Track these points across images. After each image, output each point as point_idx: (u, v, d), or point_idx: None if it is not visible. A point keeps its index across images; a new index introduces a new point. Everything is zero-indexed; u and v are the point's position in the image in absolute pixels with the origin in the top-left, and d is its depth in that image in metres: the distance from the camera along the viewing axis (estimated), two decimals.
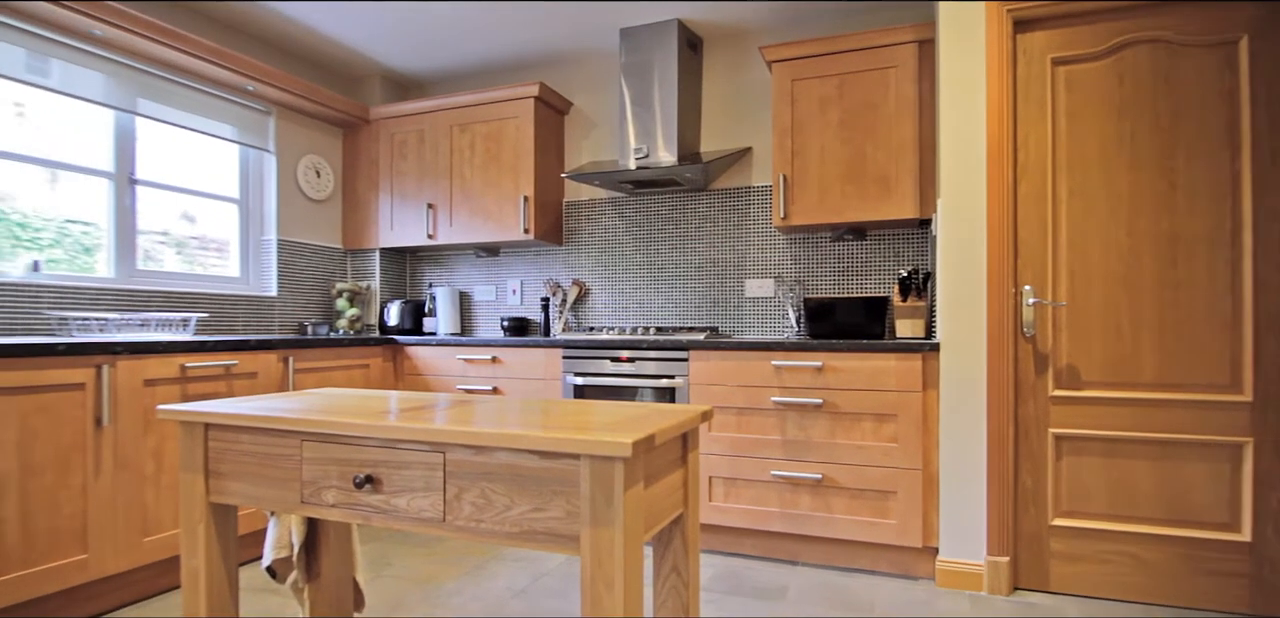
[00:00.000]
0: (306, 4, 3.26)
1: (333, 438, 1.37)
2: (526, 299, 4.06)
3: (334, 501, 1.38)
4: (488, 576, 2.67)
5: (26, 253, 2.75)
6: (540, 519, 1.18)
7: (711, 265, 3.61)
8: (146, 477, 2.44)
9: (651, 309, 3.75)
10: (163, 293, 3.15)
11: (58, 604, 2.22)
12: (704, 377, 2.93)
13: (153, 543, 2.44)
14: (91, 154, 2.97)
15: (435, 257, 4.31)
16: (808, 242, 3.42)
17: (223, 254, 3.57)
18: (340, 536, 1.84)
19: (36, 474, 2.14)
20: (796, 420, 2.78)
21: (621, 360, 3.10)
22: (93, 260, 2.99)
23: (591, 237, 3.89)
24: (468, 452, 1.24)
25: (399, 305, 4.01)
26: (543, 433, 1.14)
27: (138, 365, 2.41)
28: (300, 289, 3.86)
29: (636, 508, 1.15)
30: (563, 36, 3.62)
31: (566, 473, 1.15)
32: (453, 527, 1.26)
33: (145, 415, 2.43)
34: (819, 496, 2.74)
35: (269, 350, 2.90)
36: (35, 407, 2.13)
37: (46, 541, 2.16)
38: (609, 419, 1.28)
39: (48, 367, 2.16)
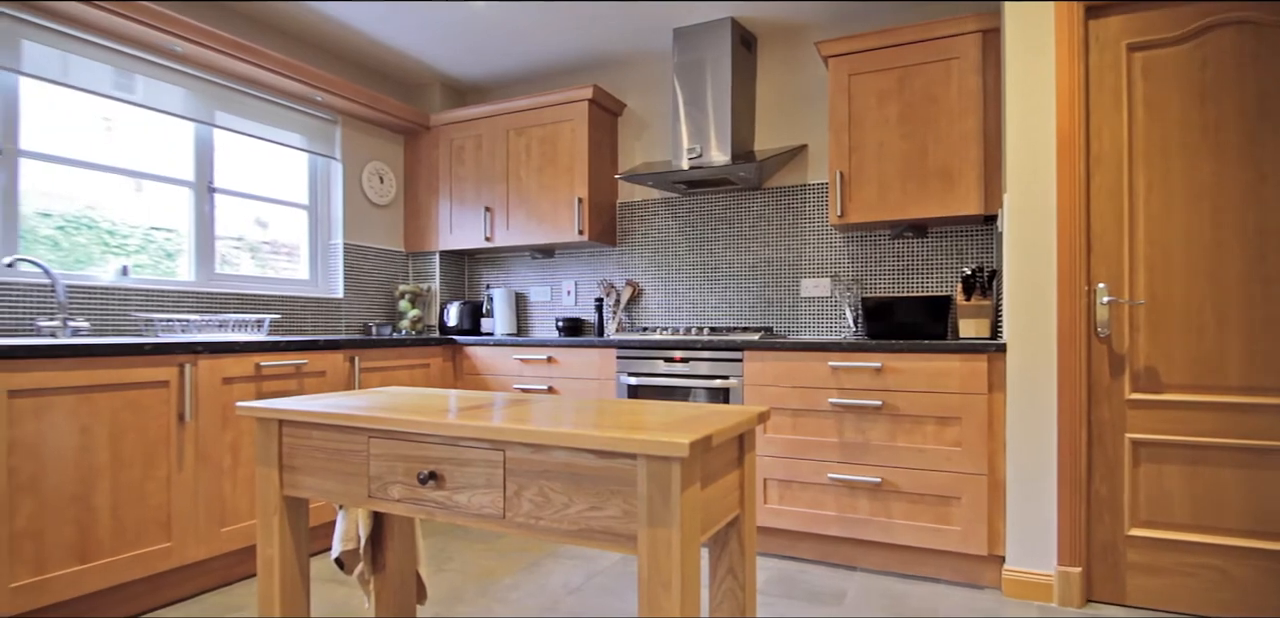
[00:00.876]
0: (370, 14, 3.37)
1: (398, 435, 1.41)
2: (581, 300, 4.10)
3: (399, 496, 1.42)
4: (543, 572, 2.71)
5: (116, 258, 2.94)
6: (597, 518, 1.19)
7: (766, 265, 3.57)
8: (224, 470, 2.57)
9: (705, 309, 3.74)
10: (238, 295, 3.32)
11: (144, 589, 2.36)
12: (759, 377, 2.90)
13: (230, 533, 2.57)
14: (173, 164, 3.14)
15: (492, 258, 4.40)
16: (865, 240, 3.35)
17: (293, 258, 3.73)
18: (404, 530, 1.90)
19: (126, 466, 2.28)
20: (855, 423, 2.72)
21: (675, 361, 3.10)
22: (174, 265, 3.17)
23: (645, 237, 3.90)
24: (526, 450, 1.26)
25: (458, 306, 4.11)
26: (600, 433, 1.15)
27: (217, 364, 2.54)
28: (365, 291, 4.00)
29: (693, 509, 1.15)
30: (616, 38, 3.64)
31: (623, 473, 1.16)
32: (512, 523, 1.28)
33: (223, 412, 2.56)
34: (878, 500, 2.68)
35: (336, 350, 3.02)
36: (125, 403, 2.28)
37: (134, 529, 2.30)
38: (665, 420, 1.29)
39: (136, 365, 2.30)
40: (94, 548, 2.19)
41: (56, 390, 2.10)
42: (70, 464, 2.14)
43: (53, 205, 2.73)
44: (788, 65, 3.53)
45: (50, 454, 2.09)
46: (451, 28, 3.52)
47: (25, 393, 2.03)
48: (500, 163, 3.91)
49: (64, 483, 2.12)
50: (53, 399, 2.09)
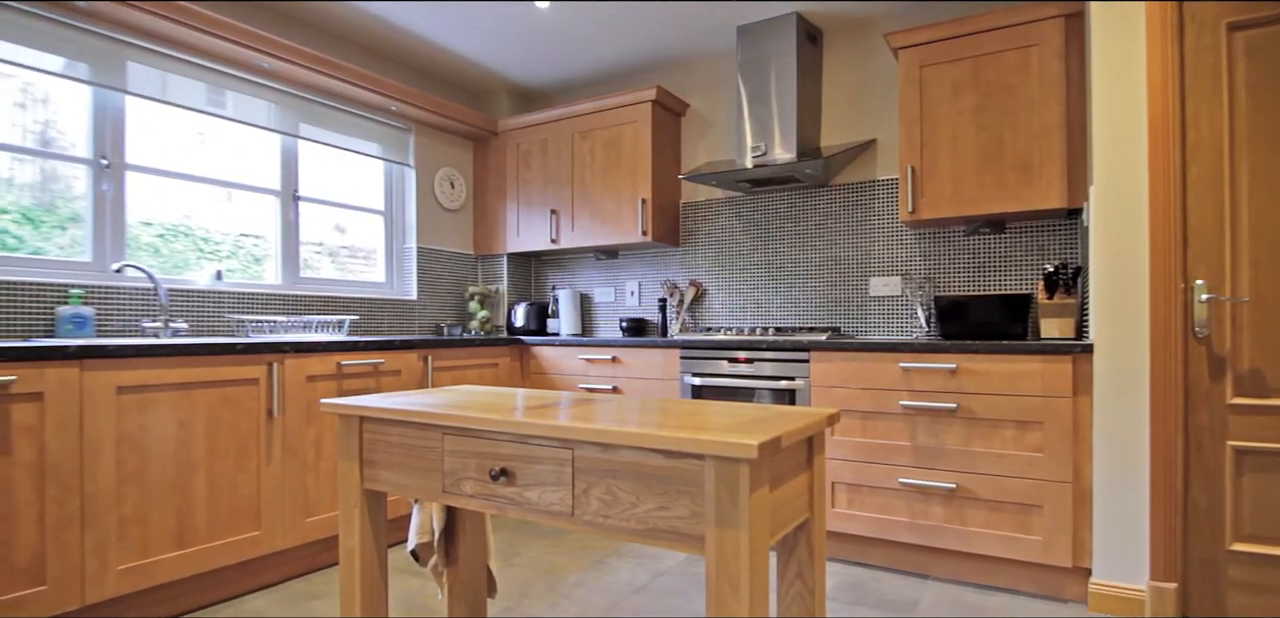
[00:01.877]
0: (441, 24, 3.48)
1: (471, 433, 1.45)
2: (644, 300, 4.12)
3: (471, 491, 1.46)
4: (609, 570, 2.73)
5: (210, 263, 3.13)
6: (665, 518, 1.20)
7: (833, 263, 3.50)
8: (308, 463, 2.70)
9: (770, 310, 3.69)
10: (321, 298, 3.48)
11: (235, 575, 2.50)
12: (826, 379, 2.85)
13: (313, 523, 2.70)
14: (261, 174, 3.33)
15: (558, 260, 4.47)
16: (938, 236, 3.24)
17: (369, 261, 3.89)
18: (475, 524, 1.96)
19: (220, 459, 2.43)
20: (928, 426, 2.64)
21: (739, 361, 3.07)
22: (262, 269, 3.35)
23: (708, 237, 3.89)
24: (594, 449, 1.27)
25: (525, 307, 4.19)
26: (667, 432, 1.15)
27: (302, 363, 2.67)
28: (437, 293, 4.13)
29: (762, 511, 1.14)
30: (679, 39, 3.64)
31: (691, 473, 1.16)
32: (581, 521, 1.30)
33: (307, 408, 2.70)
34: (953, 506, 2.59)
35: (411, 350, 3.13)
36: (219, 399, 2.43)
37: (227, 518, 2.44)
38: (732, 420, 1.28)
39: (230, 364, 2.45)
40: (191, 535, 2.34)
41: (159, 387, 2.26)
42: (170, 456, 2.29)
43: (153, 214, 2.94)
44: (855, 59, 3.45)
45: (153, 446, 2.25)
46: (518, 35, 3.60)
47: (131, 390, 2.19)
48: (565, 166, 3.97)
49: (165, 473, 2.28)
50: (155, 395, 2.25)
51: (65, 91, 2.67)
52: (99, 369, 2.11)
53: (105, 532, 2.12)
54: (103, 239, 2.74)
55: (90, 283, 2.65)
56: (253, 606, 2.41)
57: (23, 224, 2.57)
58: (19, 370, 1.95)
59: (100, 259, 2.73)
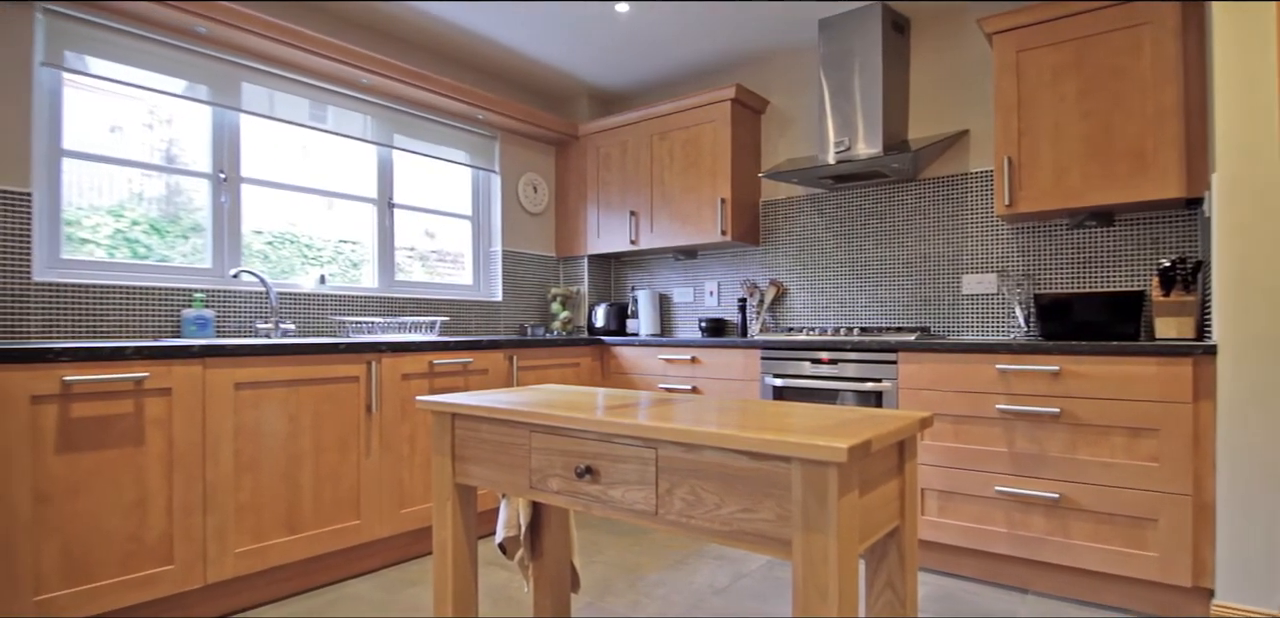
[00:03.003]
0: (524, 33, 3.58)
1: (557, 431, 1.49)
2: (723, 300, 4.09)
3: (558, 488, 1.50)
4: (689, 571, 2.73)
5: (313, 268, 3.34)
6: (749, 520, 1.19)
7: (922, 261, 3.37)
8: (403, 457, 2.83)
9: (854, 309, 3.59)
10: (414, 300, 3.65)
11: (337, 561, 2.66)
12: (915, 380, 2.74)
13: (408, 514, 2.83)
14: (359, 184, 3.52)
15: (637, 261, 4.51)
16: (1038, 230, 3.06)
17: (457, 265, 4.04)
18: (560, 520, 2.00)
19: (325, 451, 2.58)
20: (1027, 432, 2.49)
21: (822, 362, 3.00)
22: (359, 273, 3.54)
23: (789, 235, 3.82)
24: (678, 449, 1.28)
25: (605, 308, 4.25)
26: (752, 434, 1.14)
27: (397, 362, 2.81)
28: (520, 294, 4.25)
29: (851, 516, 1.11)
30: (759, 35, 3.60)
31: (777, 475, 1.15)
32: (664, 521, 1.31)
33: (402, 405, 2.83)
34: (1055, 517, 2.44)
35: (497, 350, 3.23)
36: (324, 395, 2.58)
37: (331, 506, 2.60)
38: (818, 422, 1.26)
39: (334, 362, 2.60)
40: (299, 521, 2.50)
41: (271, 384, 2.43)
42: (280, 448, 2.46)
43: (263, 223, 3.16)
44: (945, 47, 3.31)
45: (265, 439, 2.42)
46: (597, 39, 3.65)
47: (247, 386, 2.37)
48: (644, 168, 3.99)
49: (276, 464, 2.44)
50: (268, 391, 2.42)
51: (187, 112, 2.91)
52: (219, 367, 2.29)
53: (224, 517, 2.30)
54: (221, 247, 2.97)
55: (210, 287, 2.88)
56: (354, 590, 2.55)
57: (151, 234, 2.82)
58: (151, 368, 2.14)
59: (219, 265, 2.96)
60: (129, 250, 2.75)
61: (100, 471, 2.04)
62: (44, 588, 1.94)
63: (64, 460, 1.98)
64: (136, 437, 2.11)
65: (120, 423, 2.08)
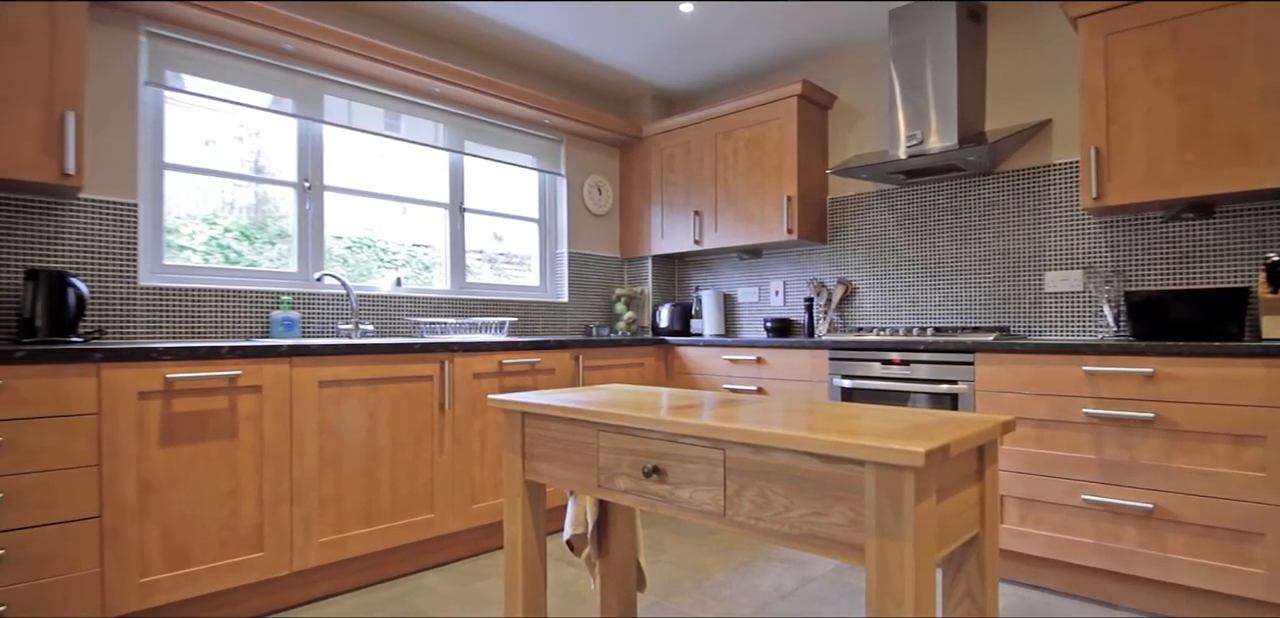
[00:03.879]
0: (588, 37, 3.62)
1: (625, 430, 1.50)
2: (789, 300, 4.03)
3: (625, 487, 1.51)
4: (755, 573, 2.70)
5: (389, 272, 3.47)
6: (820, 524, 1.16)
7: (1000, 257, 3.23)
8: (474, 454, 2.91)
9: (927, 308, 3.47)
10: (484, 301, 3.75)
11: (412, 553, 2.75)
12: (993, 382, 2.63)
13: (479, 509, 2.91)
14: (431, 189, 3.64)
15: (701, 261, 4.49)
16: (1129, 224, 2.89)
17: (523, 267, 4.13)
18: (626, 519, 2.01)
19: (401, 447, 2.68)
20: (1117, 437, 2.36)
21: (893, 363, 2.92)
22: (431, 275, 3.66)
23: (858, 233, 3.73)
24: (746, 450, 1.27)
25: (669, 308, 4.25)
26: (824, 435, 1.12)
27: (469, 361, 2.89)
28: (585, 295, 4.30)
29: (928, 523, 1.07)
30: (825, 29, 3.53)
31: (849, 479, 1.12)
32: (732, 522, 1.30)
33: (473, 403, 2.91)
34: (1148, 529, 2.30)
35: (564, 350, 3.28)
36: (400, 393, 2.68)
37: (406, 500, 2.69)
38: (892, 425, 1.22)
39: (409, 362, 2.70)
40: (377, 514, 2.61)
41: (351, 382, 2.54)
42: (360, 443, 2.57)
43: (342, 228, 3.30)
44: (1024, 33, 3.16)
45: (346, 434, 2.53)
46: (661, 40, 3.66)
47: (330, 384, 2.48)
48: (708, 167, 3.98)
49: (356, 458, 2.55)
50: (349, 389, 2.53)
51: (273, 124, 3.07)
52: (305, 366, 2.41)
53: (309, 508, 2.42)
54: (306, 252, 3.13)
55: (296, 290, 3.04)
56: (427, 581, 2.64)
57: (241, 240, 2.99)
58: (244, 366, 2.27)
59: (304, 269, 3.12)
60: (222, 256, 2.93)
61: (198, 462, 2.18)
62: (148, 570, 2.09)
63: (166, 452, 2.12)
64: (230, 431, 2.25)
65: (216, 418, 2.22)
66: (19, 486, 1.86)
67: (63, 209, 2.47)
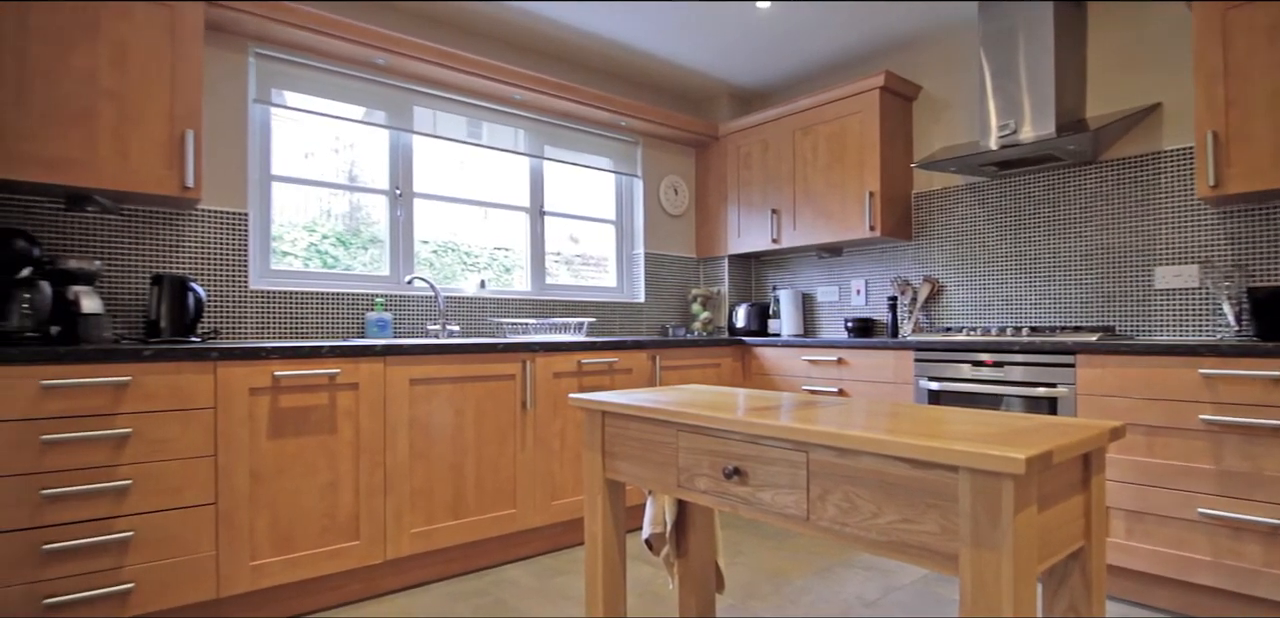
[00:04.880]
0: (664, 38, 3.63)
1: (704, 431, 1.50)
2: (871, 299, 3.92)
3: (705, 488, 1.51)
4: (836, 579, 2.64)
5: (472, 274, 3.59)
6: (910, 531, 1.13)
7: (1103, 252, 3.03)
8: (553, 452, 2.98)
9: (1021, 307, 3.29)
10: (563, 302, 3.82)
11: (495, 546, 2.84)
12: (1097, 386, 2.47)
13: (559, 506, 2.97)
14: (511, 194, 3.74)
15: (779, 260, 4.42)
16: (1253, 214, 2.65)
17: (599, 268, 4.18)
18: (704, 519, 2.01)
19: (485, 444, 2.77)
20: (1239, 447, 2.16)
21: (985, 365, 2.79)
22: (511, 278, 3.76)
23: (945, 229, 3.58)
24: (831, 453, 1.24)
25: (746, 308, 4.21)
26: (916, 440, 1.09)
27: (549, 361, 2.96)
28: (662, 295, 4.32)
29: (1028, 533, 1.02)
30: (908, 18, 3.40)
31: (941, 485, 1.08)
32: (816, 526, 1.27)
33: (553, 402, 2.97)
34: (1275, 547, 2.10)
35: (641, 350, 3.30)
36: (485, 392, 2.77)
37: (490, 495, 2.78)
38: (986, 429, 1.17)
39: (493, 361, 2.79)
40: (463, 507, 2.70)
41: (440, 380, 2.64)
42: (448, 439, 2.67)
43: (427, 233, 3.44)
44: (1130, 13, 2.95)
45: (435, 430, 2.63)
46: (737, 38, 3.63)
47: (420, 382, 2.59)
48: (786, 164, 3.91)
49: (444, 453, 2.66)
50: (437, 387, 2.64)
51: (366, 135, 3.24)
52: (397, 364, 2.53)
53: (401, 500, 2.53)
54: (397, 256, 3.28)
55: (388, 292, 3.19)
56: (510, 574, 2.72)
57: (337, 246, 3.17)
58: (342, 364, 2.40)
59: (396, 273, 3.27)
60: (320, 261, 3.11)
61: (301, 454, 2.33)
62: (258, 554, 2.24)
63: (273, 445, 2.27)
64: (330, 426, 2.38)
65: (317, 413, 2.36)
66: (146, 473, 2.04)
67: (183, 220, 2.68)
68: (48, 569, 1.90)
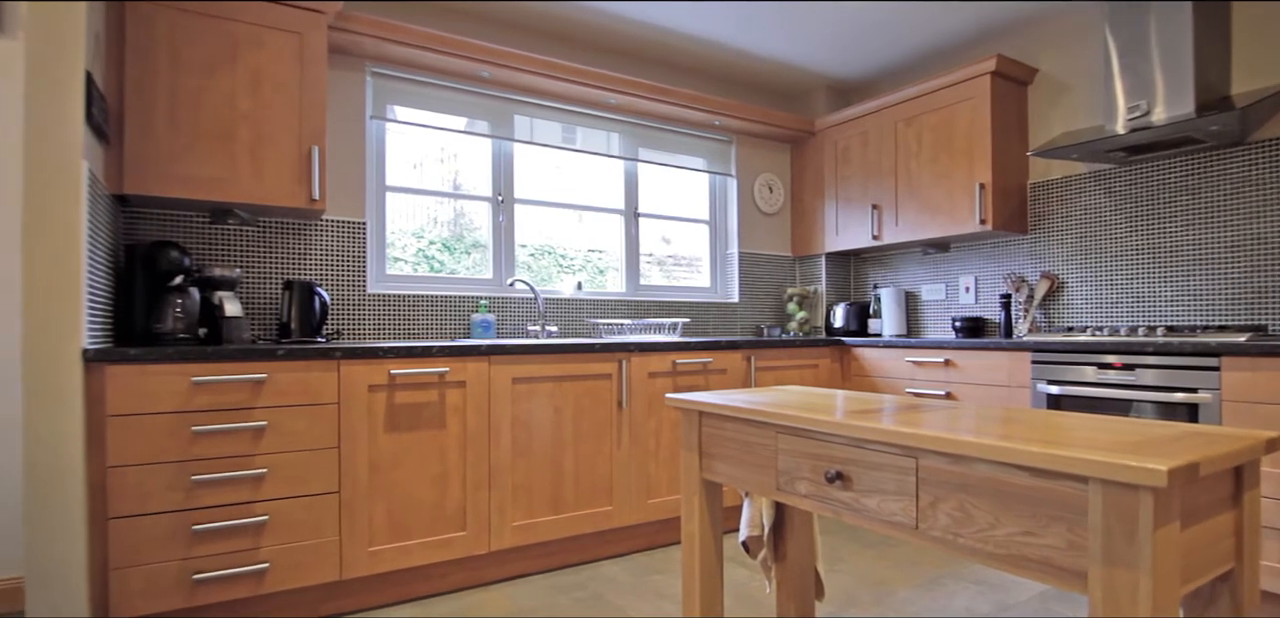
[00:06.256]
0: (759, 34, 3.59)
1: (806, 433, 1.47)
2: (981, 297, 3.70)
3: (805, 491, 1.47)
4: (943, 592, 2.51)
5: (568, 276, 3.67)
6: (1032, 545, 1.06)
7: (1254, 243, 2.73)
8: (649, 451, 3.00)
9: (1154, 305, 3.02)
10: (657, 303, 3.85)
11: (592, 542, 2.89)
12: (1245, 391, 2.23)
13: (654, 504, 2.99)
14: (604, 196, 3.80)
15: (879, 257, 4.26)
16: None
17: (691, 269, 4.18)
18: (803, 524, 1.97)
19: (583, 441, 2.83)
20: None
21: (1112, 367, 2.57)
22: (605, 279, 3.82)
23: (1065, 220, 3.33)
24: (943, 460, 1.18)
25: (844, 307, 4.09)
26: (1039, 447, 1.02)
27: (644, 361, 2.99)
28: (756, 295, 4.26)
29: (1170, 552, 0.94)
30: None
31: (1068, 497, 1.01)
32: (926, 536, 1.22)
33: (649, 401, 3.00)
34: None
35: (735, 350, 3.28)
36: (583, 391, 2.83)
37: (587, 492, 2.84)
38: (1118, 438, 1.08)
39: (590, 361, 2.85)
40: (561, 503, 2.77)
41: (540, 379, 2.73)
42: (547, 436, 2.75)
43: (525, 237, 3.55)
44: None
45: (535, 427, 2.72)
46: (834, 29, 3.53)
47: (522, 380, 2.68)
48: (888, 158, 3.77)
49: (544, 450, 2.74)
50: (537, 386, 2.72)
51: (468, 145, 3.38)
52: (501, 363, 2.63)
53: (504, 493, 2.63)
54: (500, 260, 3.41)
55: (490, 295, 3.32)
56: (607, 570, 2.76)
57: (443, 251, 3.33)
58: (450, 363, 2.52)
59: (498, 276, 3.40)
60: (427, 266, 3.28)
61: (414, 448, 2.46)
62: (376, 541, 2.39)
63: (389, 438, 2.41)
64: (439, 421, 2.51)
65: (428, 409, 2.49)
66: (280, 462, 2.22)
67: (309, 229, 2.90)
68: (197, 548, 2.10)
